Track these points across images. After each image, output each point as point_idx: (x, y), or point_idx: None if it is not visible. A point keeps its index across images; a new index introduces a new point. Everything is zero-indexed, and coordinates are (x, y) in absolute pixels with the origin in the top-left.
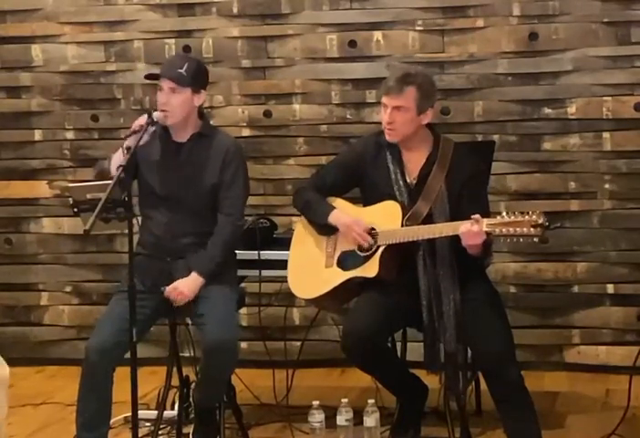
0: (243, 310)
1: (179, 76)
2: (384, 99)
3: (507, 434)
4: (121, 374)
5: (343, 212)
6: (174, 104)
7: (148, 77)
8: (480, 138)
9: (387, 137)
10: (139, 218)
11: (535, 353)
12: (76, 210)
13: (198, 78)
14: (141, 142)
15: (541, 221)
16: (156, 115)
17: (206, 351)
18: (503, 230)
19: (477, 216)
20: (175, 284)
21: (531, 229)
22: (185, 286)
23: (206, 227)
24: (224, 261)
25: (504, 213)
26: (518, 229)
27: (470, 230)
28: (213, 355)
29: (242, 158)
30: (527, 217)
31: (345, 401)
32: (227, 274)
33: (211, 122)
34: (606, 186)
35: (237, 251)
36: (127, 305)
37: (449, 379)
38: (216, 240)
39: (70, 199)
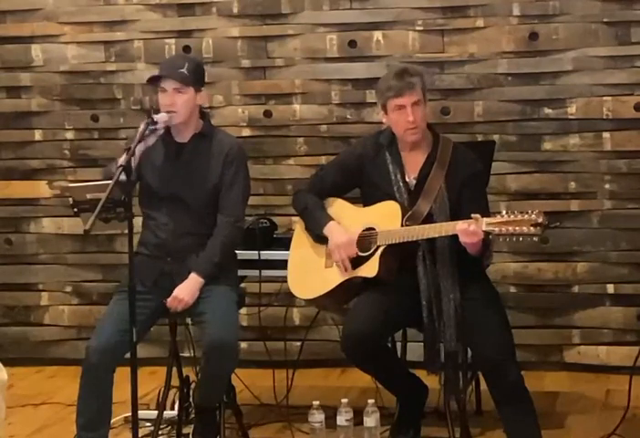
0: (243, 310)
1: (182, 76)
2: (399, 101)
3: (507, 434)
4: (121, 374)
5: (339, 227)
6: (180, 104)
7: (150, 80)
8: (480, 138)
9: (413, 137)
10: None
11: (535, 353)
12: (76, 210)
13: (199, 77)
14: (149, 143)
15: (540, 220)
16: (157, 116)
17: (206, 351)
18: (503, 229)
19: (477, 216)
20: (175, 293)
21: (531, 228)
22: (185, 293)
23: (208, 228)
24: (223, 262)
25: (504, 213)
26: (517, 228)
27: (467, 228)
28: (214, 354)
29: (243, 158)
30: (526, 216)
31: (345, 401)
32: (228, 274)
33: (212, 122)
34: (606, 186)
35: (237, 251)
36: (127, 305)
37: (448, 379)
38: (215, 241)
39: (70, 199)
